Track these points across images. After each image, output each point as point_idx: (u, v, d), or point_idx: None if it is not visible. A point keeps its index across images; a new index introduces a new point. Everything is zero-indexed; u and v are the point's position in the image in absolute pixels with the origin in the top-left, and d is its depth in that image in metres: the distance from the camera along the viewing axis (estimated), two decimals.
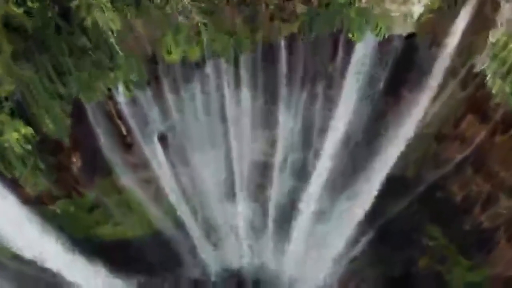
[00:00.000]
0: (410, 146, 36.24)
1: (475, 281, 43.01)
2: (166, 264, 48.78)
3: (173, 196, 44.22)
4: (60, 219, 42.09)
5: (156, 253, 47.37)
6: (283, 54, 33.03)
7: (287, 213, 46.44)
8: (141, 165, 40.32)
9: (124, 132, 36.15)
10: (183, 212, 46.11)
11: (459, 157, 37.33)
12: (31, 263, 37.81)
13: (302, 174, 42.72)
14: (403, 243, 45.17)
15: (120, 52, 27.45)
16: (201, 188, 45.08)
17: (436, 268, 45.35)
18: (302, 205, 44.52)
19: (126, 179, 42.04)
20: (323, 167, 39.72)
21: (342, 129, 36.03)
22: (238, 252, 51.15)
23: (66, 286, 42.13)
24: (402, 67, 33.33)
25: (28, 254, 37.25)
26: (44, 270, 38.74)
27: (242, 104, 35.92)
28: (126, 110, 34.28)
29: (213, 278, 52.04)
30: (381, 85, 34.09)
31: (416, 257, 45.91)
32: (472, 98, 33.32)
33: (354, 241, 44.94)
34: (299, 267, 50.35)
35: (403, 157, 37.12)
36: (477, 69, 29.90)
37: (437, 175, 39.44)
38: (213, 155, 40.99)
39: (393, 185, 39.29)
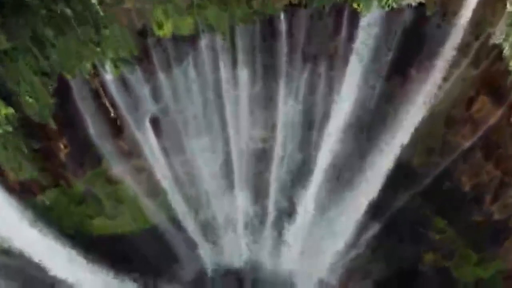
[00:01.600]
0: (417, 131, 34.13)
1: (485, 276, 41.25)
2: (162, 260, 46.93)
3: (168, 187, 42.28)
4: (50, 211, 40.68)
5: (152, 249, 45.69)
6: (283, 28, 30.93)
7: (288, 206, 44.54)
8: (133, 153, 38.40)
9: (113, 115, 33.82)
10: (179, 205, 44.24)
11: (469, 141, 35.47)
12: (19, 258, 36.75)
13: (303, 162, 40.75)
14: (408, 238, 43.35)
15: (105, 22, 25.04)
16: (197, 178, 43.05)
17: (443, 263, 43.52)
18: (303, 196, 42.36)
19: (118, 169, 40.07)
20: (325, 154, 37.48)
21: (347, 111, 33.79)
22: (237, 248, 49.26)
23: (58, 283, 40.88)
24: (411, 43, 31.25)
25: (15, 246, 36.04)
26: (36, 267, 37.85)
27: (239, 83, 33.81)
28: (115, 90, 32.24)
29: (211, 275, 50.10)
30: (388, 61, 31.87)
31: (422, 252, 44.07)
32: (486, 76, 31.32)
33: (357, 236, 43.00)
34: (299, 263, 48.34)
35: (410, 143, 35.06)
36: (493, 41, 27.65)
37: (445, 163, 37.53)
38: (209, 141, 38.98)
39: (398, 175, 37.17)
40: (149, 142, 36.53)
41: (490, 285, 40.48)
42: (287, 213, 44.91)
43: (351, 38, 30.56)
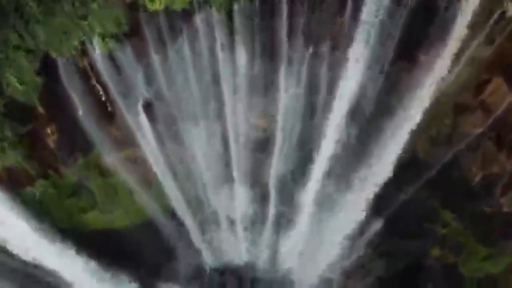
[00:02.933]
0: (424, 118, 32.31)
1: (495, 272, 39.97)
2: (159, 257, 45.93)
3: (163, 178, 40.70)
4: (40, 204, 39.39)
5: (148, 245, 44.62)
6: (283, 5, 29.06)
7: (289, 200, 42.37)
8: (126, 141, 36.43)
9: (104, 99, 32.02)
10: (175, 198, 42.74)
11: (480, 129, 33.83)
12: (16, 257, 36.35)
13: (305, 152, 38.63)
14: (413, 233, 41.67)
15: None
16: (194, 170, 41.28)
17: (450, 259, 42.01)
18: (305, 190, 40.32)
19: (110, 158, 38.30)
20: (328, 142, 35.54)
21: (351, 96, 31.82)
22: (236, 245, 47.77)
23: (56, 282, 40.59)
24: (419, 23, 29.31)
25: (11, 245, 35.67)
26: (33, 265, 37.85)
27: (237, 64, 31.93)
28: (105, 71, 30.46)
29: (209, 273, 48.96)
30: (395, 42, 29.74)
31: (428, 247, 42.52)
32: (500, 56, 29.48)
33: (359, 232, 41.40)
34: (299, 262, 46.97)
35: (416, 132, 33.35)
36: (510, 13, 25.84)
37: (453, 152, 35.89)
38: (206, 129, 37.15)
39: (403, 166, 35.46)
40: (142, 129, 34.91)
41: (503, 281, 38.82)
42: (288, 208, 43.10)
43: (356, 16, 28.66)
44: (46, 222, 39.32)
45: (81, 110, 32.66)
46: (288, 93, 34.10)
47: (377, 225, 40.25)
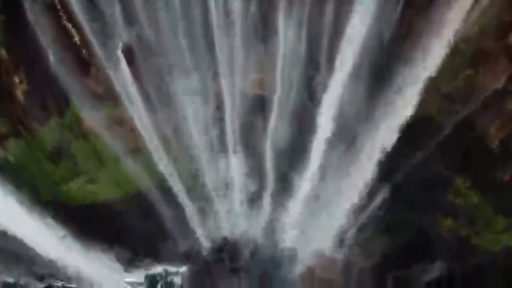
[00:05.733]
0: (439, 71, 29.80)
1: None
2: (152, 235, 42.26)
3: (150, 144, 37.62)
4: (19, 171, 36.51)
5: (139, 220, 41.09)
6: None
7: (288, 167, 39.86)
8: (105, 96, 33.39)
9: (78, 42, 28.56)
10: (165, 168, 39.43)
11: (501, 81, 31.56)
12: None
13: (306, 113, 36.13)
14: (421, 203, 38.97)
15: None
16: (185, 132, 38.38)
17: (463, 231, 39.09)
18: (306, 156, 37.67)
19: (91, 117, 35.20)
20: (333, 98, 32.88)
21: (358, 43, 29.12)
22: (233, 220, 44.50)
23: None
24: None
25: None
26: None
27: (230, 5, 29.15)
28: (77, 8, 26.93)
29: (205, 251, 45.04)
30: None
31: (438, 218, 39.53)
32: None
33: (365, 202, 38.38)
34: (299, 238, 43.56)
35: (429, 86, 30.69)
36: None
37: (469, 110, 33.65)
38: (198, 83, 34.10)
39: (411, 126, 33.00)
40: (123, 80, 31.78)
41: None
42: (288, 177, 40.27)
43: None
44: (29, 195, 35.98)
45: (52, 55, 29.29)
46: (287, 39, 31.20)
47: (383, 193, 37.85)
